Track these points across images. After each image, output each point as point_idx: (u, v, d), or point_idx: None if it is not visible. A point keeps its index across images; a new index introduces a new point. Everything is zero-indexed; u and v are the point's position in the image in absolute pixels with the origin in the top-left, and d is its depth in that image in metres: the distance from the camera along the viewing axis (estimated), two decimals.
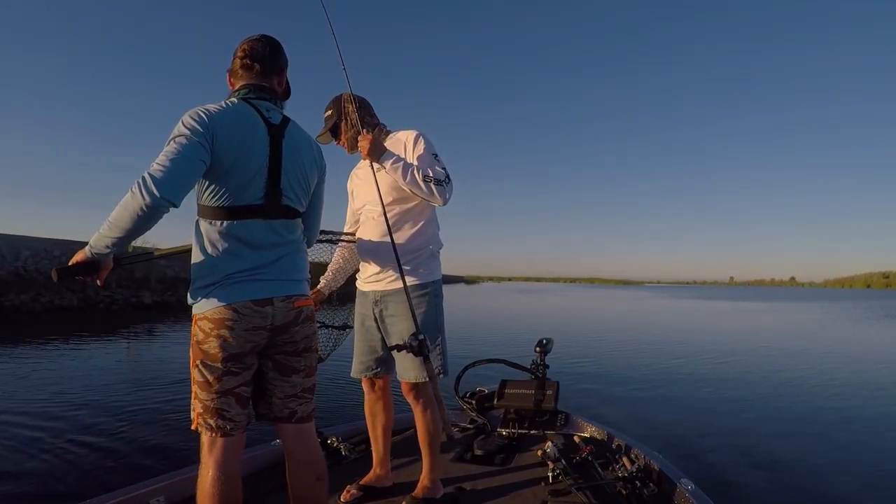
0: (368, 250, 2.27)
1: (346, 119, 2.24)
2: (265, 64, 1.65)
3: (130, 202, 1.34)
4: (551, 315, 22.13)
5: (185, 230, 1.53)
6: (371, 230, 2.25)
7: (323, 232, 2.12)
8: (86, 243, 1.45)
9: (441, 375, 2.18)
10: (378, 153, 2.11)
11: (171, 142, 1.43)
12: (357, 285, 2.39)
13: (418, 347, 1.96)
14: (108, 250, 1.44)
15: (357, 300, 2.38)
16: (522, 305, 29.92)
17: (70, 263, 1.47)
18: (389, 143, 2.22)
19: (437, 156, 2.16)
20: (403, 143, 2.19)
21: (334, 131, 2.29)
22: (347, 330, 2.64)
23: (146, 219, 1.36)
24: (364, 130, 2.17)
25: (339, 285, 2.50)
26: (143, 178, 1.35)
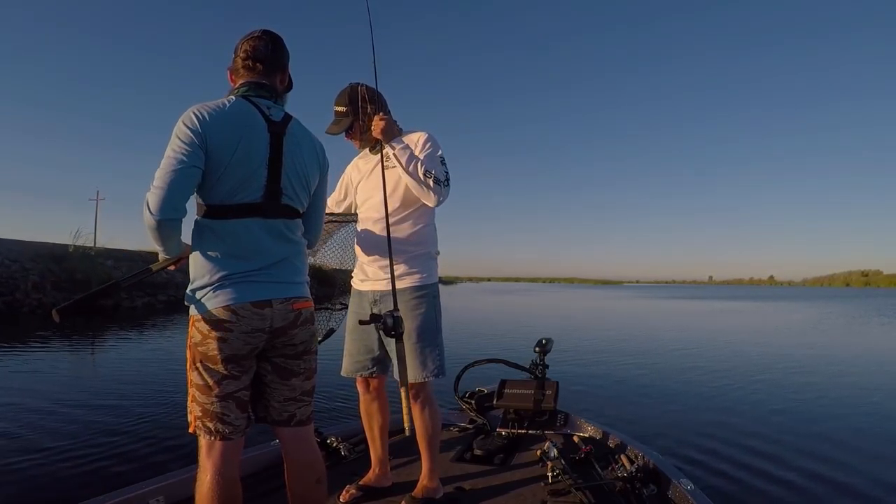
0: (369, 249, 2.28)
1: (364, 120, 2.23)
2: (268, 62, 1.63)
3: (146, 221, 1.42)
4: (548, 315, 22.15)
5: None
6: (372, 229, 2.26)
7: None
8: (35, 241, 1.46)
9: (439, 376, 2.23)
10: (391, 135, 2.17)
11: (167, 150, 1.45)
12: (353, 284, 2.40)
13: (392, 324, 1.90)
14: (168, 254, 1.57)
15: (352, 299, 2.39)
16: (515, 306, 29.97)
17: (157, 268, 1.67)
18: None
19: (443, 159, 2.21)
20: (414, 142, 2.22)
21: (349, 129, 2.28)
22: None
23: (160, 234, 1.45)
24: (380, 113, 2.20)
25: None
26: (146, 200, 1.41)
